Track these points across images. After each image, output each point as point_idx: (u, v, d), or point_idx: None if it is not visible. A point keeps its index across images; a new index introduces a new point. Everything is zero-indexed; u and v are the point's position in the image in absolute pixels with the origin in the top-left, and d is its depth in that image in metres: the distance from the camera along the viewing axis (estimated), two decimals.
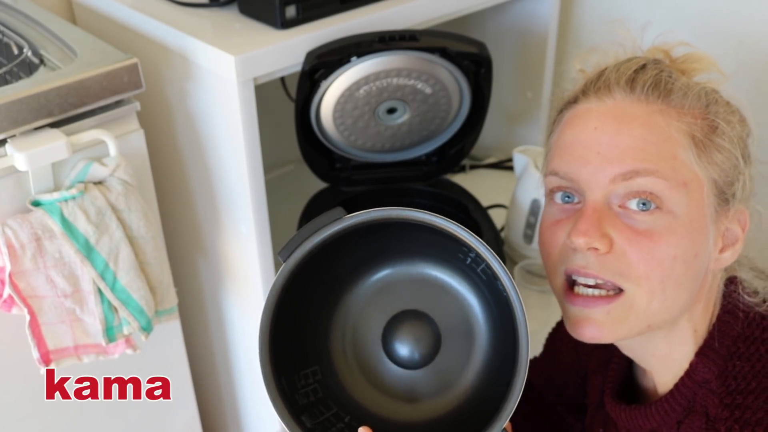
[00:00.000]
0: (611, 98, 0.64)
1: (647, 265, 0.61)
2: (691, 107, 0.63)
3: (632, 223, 0.62)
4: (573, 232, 0.62)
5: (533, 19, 1.31)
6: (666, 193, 0.61)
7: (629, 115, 0.62)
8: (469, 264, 0.73)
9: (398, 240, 0.73)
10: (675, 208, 0.61)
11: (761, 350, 0.64)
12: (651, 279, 0.62)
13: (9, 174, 0.81)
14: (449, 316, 0.74)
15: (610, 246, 0.62)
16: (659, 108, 0.62)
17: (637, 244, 0.61)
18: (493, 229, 1.08)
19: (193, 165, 1.04)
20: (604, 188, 0.62)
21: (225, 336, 1.19)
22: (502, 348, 0.71)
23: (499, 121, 1.46)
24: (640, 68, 0.64)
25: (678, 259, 0.62)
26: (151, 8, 0.99)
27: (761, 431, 0.61)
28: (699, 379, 0.66)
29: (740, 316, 0.66)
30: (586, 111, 0.65)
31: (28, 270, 0.82)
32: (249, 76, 0.87)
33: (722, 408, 0.63)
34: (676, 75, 0.64)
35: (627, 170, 0.61)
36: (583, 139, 0.64)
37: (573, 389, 0.86)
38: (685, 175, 0.61)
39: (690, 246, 0.62)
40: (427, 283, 0.75)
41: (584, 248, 0.62)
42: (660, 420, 0.68)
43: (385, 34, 0.92)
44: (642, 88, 0.63)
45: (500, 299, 0.69)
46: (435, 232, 0.67)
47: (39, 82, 0.81)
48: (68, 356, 0.88)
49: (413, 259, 0.76)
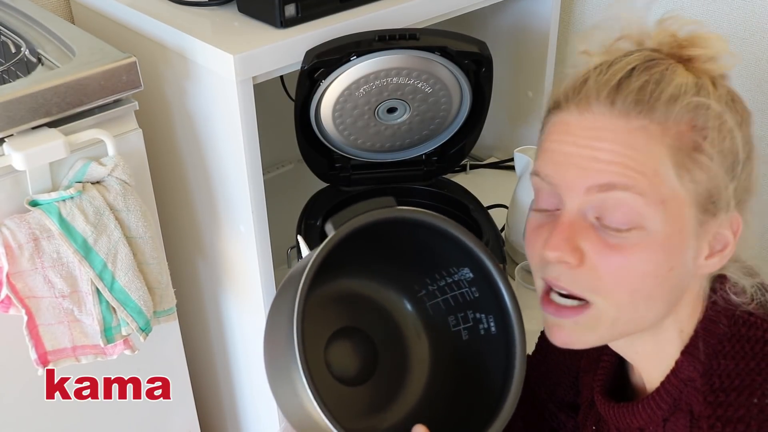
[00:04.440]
0: (590, 113, 0.62)
1: (615, 279, 0.62)
2: (677, 122, 0.60)
3: (605, 236, 0.61)
4: (546, 246, 0.63)
5: (534, 17, 1.30)
6: (642, 209, 0.60)
7: (609, 131, 0.61)
8: (420, 297, 0.76)
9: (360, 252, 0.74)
10: (650, 224, 0.60)
11: (746, 348, 0.64)
12: (619, 293, 0.62)
13: (6, 174, 0.81)
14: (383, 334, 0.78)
15: (582, 260, 0.62)
16: (640, 124, 0.60)
17: (607, 258, 0.61)
18: (494, 229, 1.08)
19: (192, 165, 1.04)
20: (580, 197, 0.62)
21: (224, 336, 1.19)
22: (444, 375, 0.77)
23: (500, 120, 1.45)
24: (626, 76, 0.61)
25: (649, 275, 0.62)
26: (150, 7, 0.99)
27: (743, 428, 0.61)
28: (684, 378, 0.66)
29: (727, 315, 0.66)
30: (565, 123, 0.64)
31: (26, 270, 0.81)
32: (248, 75, 0.87)
33: (706, 406, 0.63)
34: (667, 80, 0.61)
35: (603, 182, 0.60)
36: (563, 150, 0.63)
37: (565, 387, 0.87)
38: (664, 192, 0.60)
39: (664, 261, 0.61)
40: (368, 304, 0.78)
41: (555, 262, 0.63)
42: (647, 418, 0.69)
43: (385, 33, 0.92)
44: (623, 103, 0.60)
45: (445, 332, 0.76)
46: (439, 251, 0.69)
47: (37, 81, 0.81)
48: (66, 357, 0.88)
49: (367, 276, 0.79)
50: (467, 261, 0.74)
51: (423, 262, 0.78)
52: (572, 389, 0.86)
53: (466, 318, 0.78)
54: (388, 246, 0.76)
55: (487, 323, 0.76)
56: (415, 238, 0.74)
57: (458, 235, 0.71)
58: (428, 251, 0.76)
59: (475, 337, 0.77)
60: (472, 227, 1.08)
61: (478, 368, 0.76)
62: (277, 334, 0.64)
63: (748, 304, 0.66)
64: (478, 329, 0.77)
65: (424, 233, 0.72)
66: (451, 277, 0.77)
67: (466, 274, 0.76)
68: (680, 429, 0.65)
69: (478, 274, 0.75)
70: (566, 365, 0.86)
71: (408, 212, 0.70)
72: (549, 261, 0.63)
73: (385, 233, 0.73)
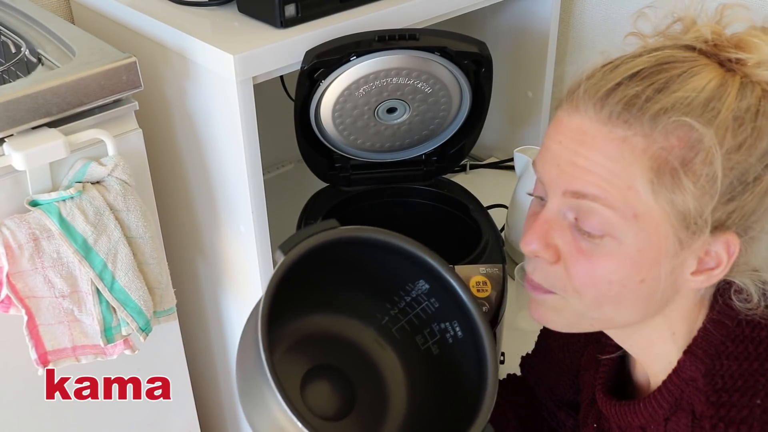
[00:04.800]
0: (578, 115, 0.61)
1: (582, 282, 0.63)
2: (664, 135, 0.57)
3: (579, 240, 0.62)
4: (522, 239, 0.65)
5: (534, 18, 1.30)
6: (612, 221, 0.60)
7: (591, 138, 0.60)
8: (385, 324, 0.76)
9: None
10: (621, 236, 0.60)
11: (749, 349, 0.64)
12: (585, 295, 0.63)
13: (6, 174, 0.81)
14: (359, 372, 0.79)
15: (557, 257, 0.63)
16: (623, 135, 0.58)
17: (576, 261, 0.62)
18: (494, 229, 1.08)
19: (192, 165, 1.04)
20: (558, 198, 0.63)
21: (224, 336, 1.19)
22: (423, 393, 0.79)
23: (500, 120, 1.46)
24: (625, 81, 0.59)
25: (615, 284, 0.62)
26: (150, 7, 0.99)
27: (746, 429, 0.61)
28: (686, 377, 0.66)
29: (731, 316, 0.66)
30: (558, 120, 0.64)
31: (26, 270, 0.81)
32: (248, 75, 0.87)
33: (708, 406, 0.63)
34: (672, 89, 0.58)
35: (576, 189, 0.61)
36: (551, 147, 0.64)
37: (564, 385, 0.87)
38: (638, 207, 0.59)
39: (633, 273, 0.61)
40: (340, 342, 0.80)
41: (530, 256, 0.65)
42: (648, 416, 0.69)
43: (385, 33, 0.92)
44: (611, 110, 0.59)
45: (415, 355, 0.78)
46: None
47: (37, 81, 0.81)
48: (66, 357, 0.88)
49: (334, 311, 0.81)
50: (421, 272, 0.76)
51: (383, 285, 0.79)
52: (572, 387, 0.86)
53: (432, 332, 0.79)
54: (349, 273, 0.77)
55: (452, 329, 0.77)
56: (371, 261, 0.76)
57: (403, 245, 0.73)
58: (386, 273, 0.77)
59: (445, 349, 0.78)
60: (472, 227, 1.08)
61: (455, 375, 0.77)
62: (248, 367, 0.65)
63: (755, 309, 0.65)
64: (445, 339, 0.78)
65: (379, 254, 0.74)
66: (408, 294, 0.78)
67: (422, 287, 0.77)
68: (682, 428, 0.65)
69: (432, 282, 0.76)
70: (566, 363, 0.86)
71: (351, 231, 0.71)
72: (525, 254, 0.65)
73: (344, 259, 0.74)
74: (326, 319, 0.80)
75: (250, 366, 0.63)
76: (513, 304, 1.14)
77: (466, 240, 1.04)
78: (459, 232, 1.07)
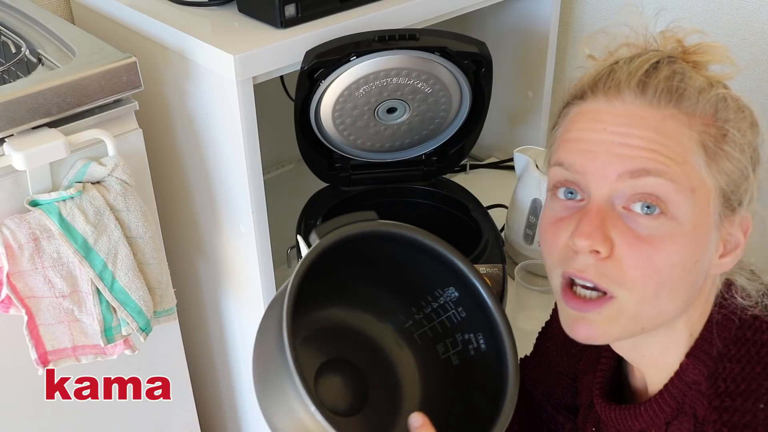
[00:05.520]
0: (621, 100, 0.62)
1: (643, 271, 0.61)
2: (703, 114, 0.61)
3: (635, 227, 0.61)
4: (576, 233, 0.61)
5: (534, 18, 1.30)
6: (672, 196, 0.60)
7: (640, 118, 0.61)
8: (408, 327, 0.77)
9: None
10: (679, 213, 0.60)
11: (752, 352, 0.64)
12: (645, 286, 0.61)
13: (7, 174, 0.81)
14: (375, 369, 0.77)
15: (611, 250, 0.61)
16: (670, 113, 0.61)
17: (636, 249, 0.60)
18: (494, 229, 1.08)
19: (192, 165, 1.04)
20: (610, 185, 0.61)
21: (224, 336, 1.19)
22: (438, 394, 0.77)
23: (500, 120, 1.46)
24: (652, 67, 0.62)
25: (677, 266, 0.61)
26: (150, 7, 0.99)
27: None
28: (689, 381, 0.65)
29: (734, 319, 0.65)
30: (594, 111, 0.63)
31: (26, 270, 0.81)
32: (248, 76, 0.87)
33: (711, 410, 0.63)
34: (689, 75, 0.62)
35: (637, 168, 0.60)
36: (593, 137, 0.63)
37: (563, 389, 0.86)
38: (694, 181, 0.60)
39: (691, 253, 0.61)
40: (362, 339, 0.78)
41: (586, 251, 0.61)
42: (649, 420, 0.68)
43: (385, 34, 0.92)
44: (654, 92, 0.61)
45: (435, 362, 0.76)
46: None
47: (37, 81, 0.81)
48: (66, 357, 0.88)
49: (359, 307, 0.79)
50: (452, 279, 0.73)
51: (411, 287, 0.76)
52: (570, 391, 0.85)
53: (455, 342, 0.76)
54: (377, 270, 0.74)
55: (476, 342, 0.75)
56: (403, 260, 0.73)
57: (441, 249, 0.70)
58: (415, 275, 0.74)
59: (465, 361, 0.76)
60: (472, 227, 1.08)
61: (471, 388, 0.75)
62: (267, 349, 0.63)
63: (754, 307, 0.66)
64: (467, 351, 0.76)
65: (412, 253, 0.71)
66: (436, 301, 0.76)
67: (452, 294, 0.74)
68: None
69: (463, 291, 0.74)
70: (564, 367, 0.85)
71: (391, 226, 0.68)
72: (579, 250, 0.62)
73: (374, 254, 0.72)
74: (346, 314, 0.78)
75: (271, 351, 0.61)
76: (513, 304, 1.14)
77: (466, 240, 1.04)
78: (459, 232, 1.07)
